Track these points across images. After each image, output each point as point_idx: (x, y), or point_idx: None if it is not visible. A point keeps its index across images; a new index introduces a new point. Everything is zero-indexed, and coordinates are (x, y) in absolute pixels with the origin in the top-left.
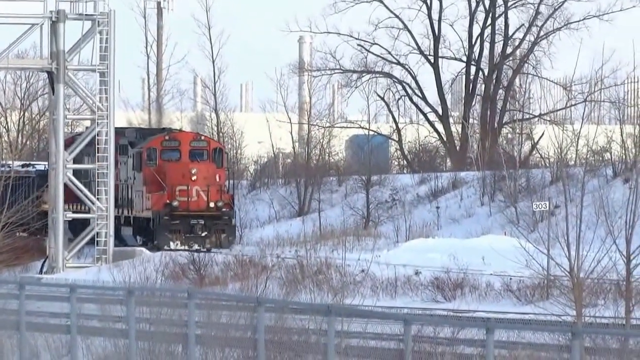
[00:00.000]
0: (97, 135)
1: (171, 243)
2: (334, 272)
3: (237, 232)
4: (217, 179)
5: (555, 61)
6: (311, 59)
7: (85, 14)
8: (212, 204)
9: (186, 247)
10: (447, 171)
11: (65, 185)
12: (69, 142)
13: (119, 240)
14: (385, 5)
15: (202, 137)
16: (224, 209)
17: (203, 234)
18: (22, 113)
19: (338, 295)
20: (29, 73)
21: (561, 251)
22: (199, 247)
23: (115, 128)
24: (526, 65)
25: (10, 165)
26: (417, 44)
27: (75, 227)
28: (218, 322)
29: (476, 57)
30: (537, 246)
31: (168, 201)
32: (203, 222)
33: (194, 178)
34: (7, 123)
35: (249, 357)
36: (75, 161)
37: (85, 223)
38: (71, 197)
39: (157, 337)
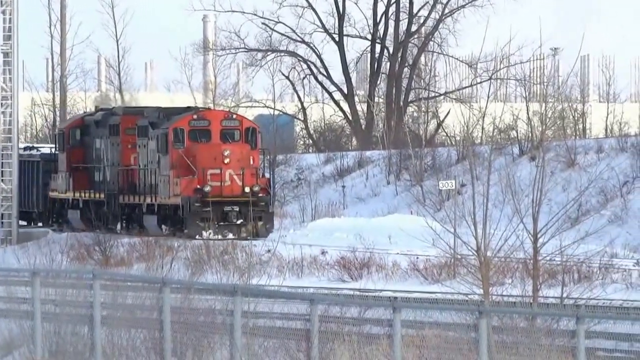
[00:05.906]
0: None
1: (203, 232)
2: (239, 252)
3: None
4: (252, 162)
5: (461, 39)
6: (215, 38)
7: None
8: (247, 189)
9: (220, 237)
10: (352, 150)
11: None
12: (78, 124)
13: (142, 229)
14: None
15: (234, 116)
16: (260, 194)
17: (238, 222)
18: None
19: (244, 276)
20: None
21: (468, 230)
22: (234, 237)
23: (133, 108)
24: (431, 43)
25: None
26: (321, 22)
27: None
28: (124, 303)
29: (381, 36)
30: (444, 225)
31: (199, 186)
32: (238, 209)
33: (226, 161)
34: None
35: (155, 338)
36: (84, 144)
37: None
38: (83, 183)
39: (63, 318)
